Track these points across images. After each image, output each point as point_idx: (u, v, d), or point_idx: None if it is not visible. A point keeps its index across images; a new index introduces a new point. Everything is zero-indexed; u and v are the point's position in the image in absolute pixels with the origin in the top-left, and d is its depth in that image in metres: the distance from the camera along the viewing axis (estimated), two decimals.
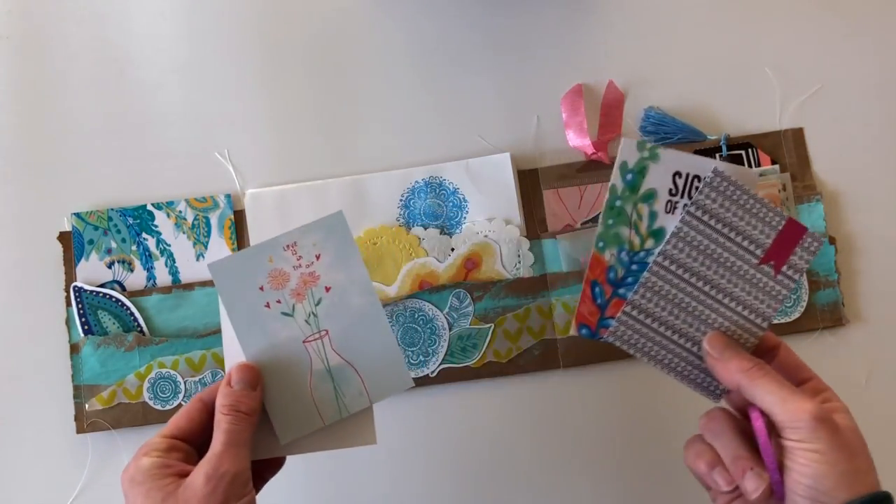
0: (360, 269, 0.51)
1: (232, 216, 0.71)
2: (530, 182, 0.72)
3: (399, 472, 0.69)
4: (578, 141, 0.72)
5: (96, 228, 0.71)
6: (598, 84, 0.73)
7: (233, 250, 0.70)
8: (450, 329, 0.69)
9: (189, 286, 0.70)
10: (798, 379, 0.49)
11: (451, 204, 0.71)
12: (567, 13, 0.74)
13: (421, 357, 0.68)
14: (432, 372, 0.68)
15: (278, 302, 0.50)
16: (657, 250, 0.49)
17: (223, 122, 0.73)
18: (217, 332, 0.69)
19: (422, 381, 0.68)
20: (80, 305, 0.69)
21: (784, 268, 0.49)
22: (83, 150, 0.72)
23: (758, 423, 0.47)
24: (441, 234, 0.70)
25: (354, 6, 0.74)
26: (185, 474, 0.46)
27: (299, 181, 0.71)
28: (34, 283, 0.70)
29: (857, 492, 0.43)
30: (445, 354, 0.68)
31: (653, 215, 0.49)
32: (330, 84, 0.73)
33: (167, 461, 0.46)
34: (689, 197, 0.49)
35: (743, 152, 0.72)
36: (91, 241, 0.70)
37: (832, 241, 0.70)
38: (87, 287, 0.69)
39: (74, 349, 0.69)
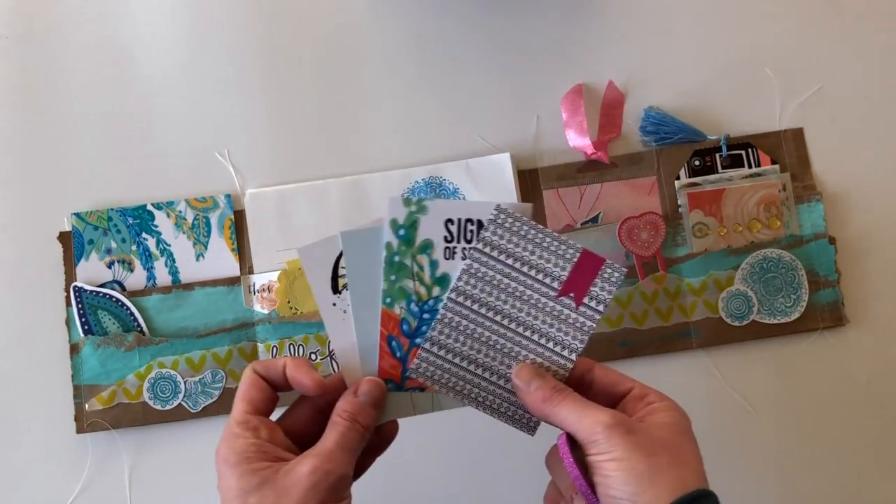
0: None
1: (232, 216, 0.71)
2: (530, 182, 0.72)
3: (398, 472, 0.69)
4: (578, 141, 0.72)
5: (96, 228, 0.71)
6: (598, 84, 0.73)
7: (233, 251, 0.71)
8: None
9: (189, 286, 0.70)
10: (620, 392, 0.48)
11: None
12: (567, 13, 0.74)
13: None
14: None
15: None
16: (450, 286, 0.49)
17: (223, 122, 0.73)
18: (216, 332, 0.69)
19: None
20: (80, 305, 0.69)
21: (585, 299, 0.49)
22: (83, 150, 0.72)
23: (561, 448, 0.46)
24: None
25: (354, 6, 0.74)
26: (279, 459, 0.45)
27: (299, 181, 0.71)
28: (34, 283, 0.70)
29: (661, 491, 0.42)
30: None
31: (433, 264, 0.49)
32: (330, 84, 0.73)
33: (262, 444, 0.45)
34: (466, 241, 0.49)
35: (743, 152, 0.72)
36: (91, 241, 0.70)
37: (832, 241, 0.70)
38: (87, 287, 0.69)
39: (74, 349, 0.69)
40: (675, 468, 0.43)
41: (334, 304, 0.50)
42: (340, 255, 0.50)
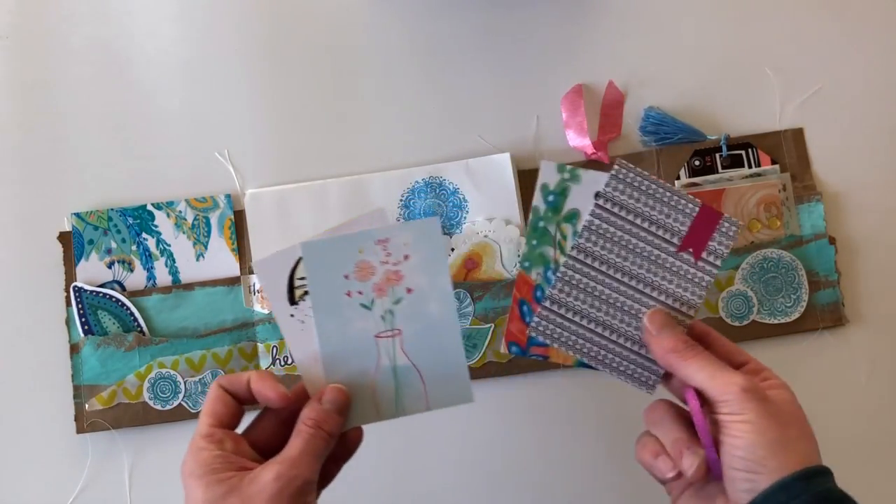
0: (444, 279, 0.51)
1: (232, 216, 0.71)
2: (530, 182, 0.71)
3: (398, 472, 0.69)
4: (578, 141, 0.72)
5: (96, 228, 0.71)
6: (598, 84, 0.73)
7: (233, 251, 0.71)
8: None
9: (189, 286, 0.70)
10: (735, 363, 0.49)
11: (451, 204, 0.71)
12: (567, 13, 0.74)
13: None
14: None
15: (360, 293, 0.51)
16: (571, 244, 0.49)
17: (223, 122, 0.73)
18: (216, 332, 0.69)
19: None
20: (80, 305, 0.69)
21: (704, 254, 0.49)
22: (83, 150, 0.72)
23: (692, 403, 0.47)
24: (441, 234, 0.70)
25: (354, 6, 0.74)
26: (245, 468, 0.46)
27: (299, 181, 0.71)
28: (34, 283, 0.70)
29: (789, 460, 0.43)
30: None
31: (577, 234, 0.50)
32: (330, 84, 0.73)
33: (227, 455, 0.46)
34: None
35: (743, 152, 0.72)
36: (91, 241, 0.70)
37: (832, 241, 0.70)
38: (87, 287, 0.69)
39: (74, 349, 0.69)
40: (803, 442, 0.45)
41: (292, 315, 0.51)
42: (295, 266, 0.50)
